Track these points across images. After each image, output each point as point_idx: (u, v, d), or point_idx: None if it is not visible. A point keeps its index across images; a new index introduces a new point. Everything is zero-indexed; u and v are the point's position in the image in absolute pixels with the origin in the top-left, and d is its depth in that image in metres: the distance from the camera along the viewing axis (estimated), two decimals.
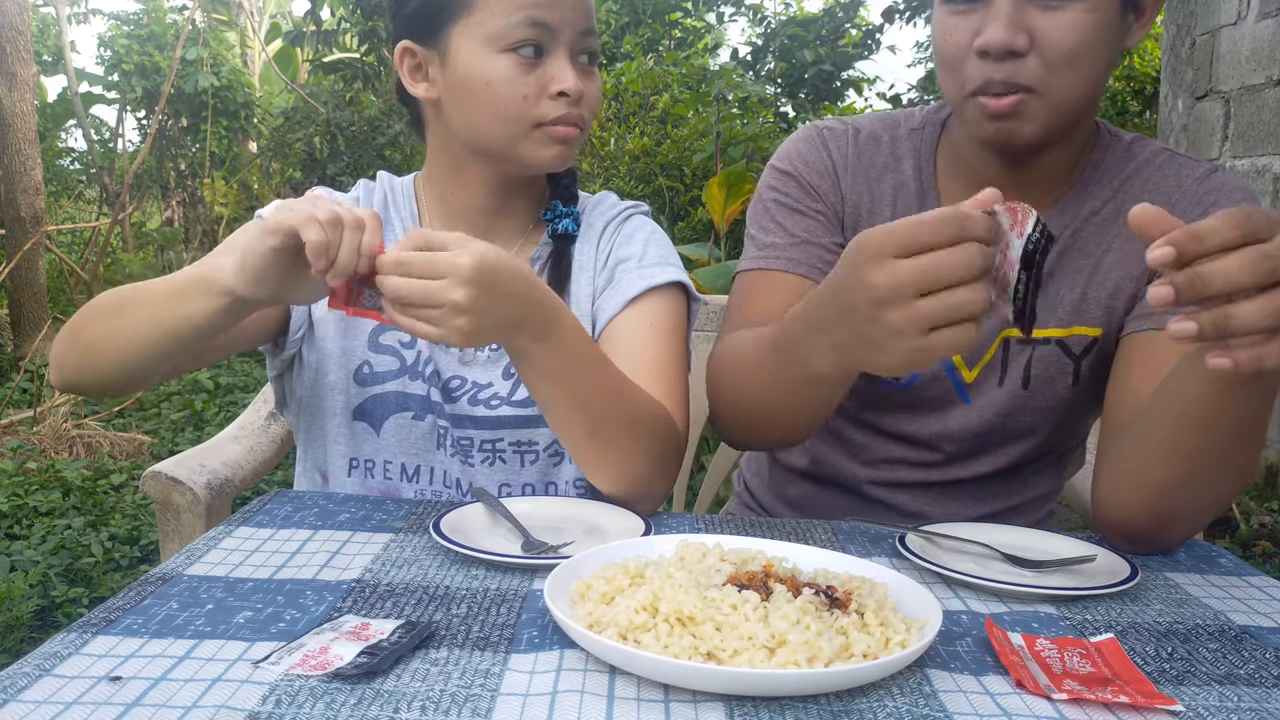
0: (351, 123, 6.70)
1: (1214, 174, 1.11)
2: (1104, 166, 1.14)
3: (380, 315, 0.95)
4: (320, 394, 1.20)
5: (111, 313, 1.03)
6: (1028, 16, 0.97)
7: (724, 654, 0.66)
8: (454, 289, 0.87)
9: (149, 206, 11.21)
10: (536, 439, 1.19)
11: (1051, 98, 1.00)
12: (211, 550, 0.91)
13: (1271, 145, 3.62)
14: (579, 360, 1.01)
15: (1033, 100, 1.00)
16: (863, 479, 1.25)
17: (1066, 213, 1.13)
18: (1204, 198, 1.09)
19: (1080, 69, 0.99)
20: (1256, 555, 3.16)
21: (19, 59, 5.36)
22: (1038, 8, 0.97)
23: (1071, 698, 0.66)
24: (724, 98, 5.87)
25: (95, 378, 1.06)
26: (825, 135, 1.22)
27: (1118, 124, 7.39)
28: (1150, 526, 0.99)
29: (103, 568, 2.77)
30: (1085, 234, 1.13)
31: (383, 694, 0.64)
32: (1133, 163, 1.14)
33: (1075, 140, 1.11)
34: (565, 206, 1.22)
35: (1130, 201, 1.10)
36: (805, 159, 1.21)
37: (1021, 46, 0.97)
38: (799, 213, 1.18)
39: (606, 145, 6.87)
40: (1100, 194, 1.13)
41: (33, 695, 0.63)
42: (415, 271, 0.88)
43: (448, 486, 1.18)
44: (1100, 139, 1.15)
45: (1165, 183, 1.12)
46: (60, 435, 3.93)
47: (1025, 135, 1.03)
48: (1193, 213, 1.08)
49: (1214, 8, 3.95)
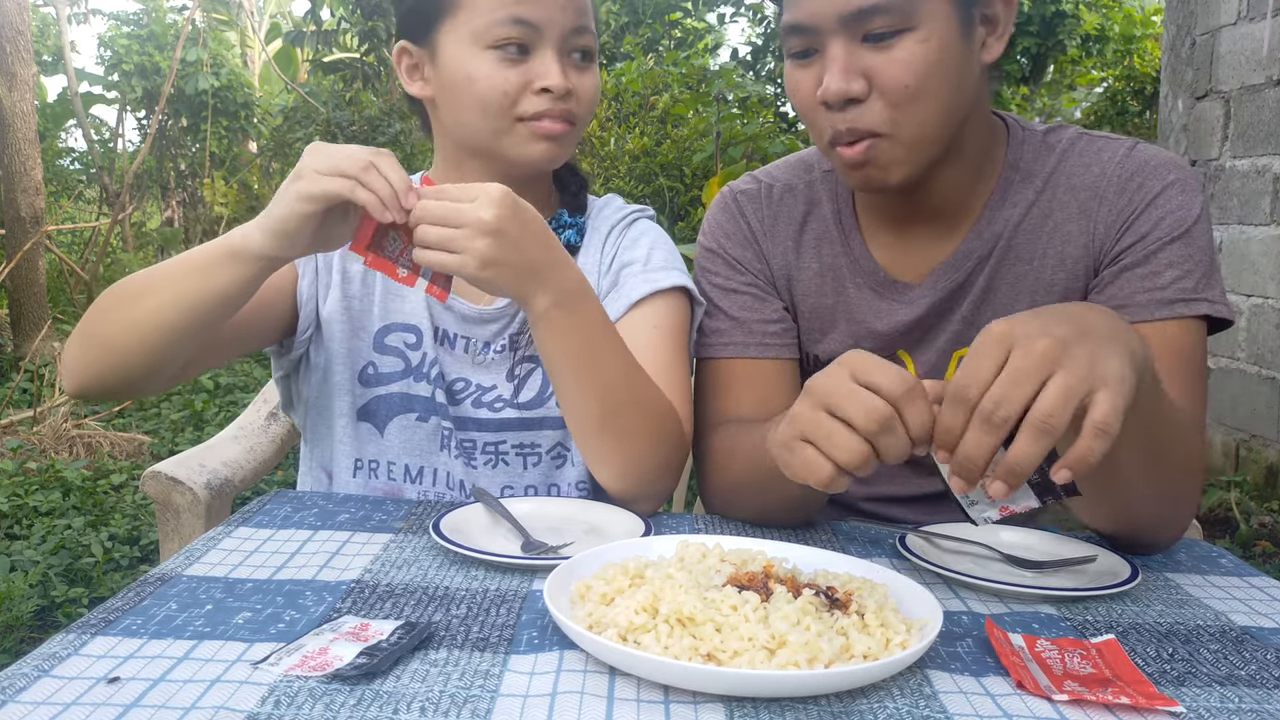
0: (351, 123, 6.70)
1: (1134, 151, 1.08)
2: (1022, 165, 1.11)
3: (395, 271, 0.97)
4: (327, 394, 1.20)
5: (127, 303, 1.00)
6: (861, 60, 0.95)
7: (724, 655, 0.66)
8: (483, 208, 0.91)
9: (149, 206, 11.20)
10: (539, 441, 1.19)
11: (904, 136, 0.98)
12: (211, 550, 0.91)
13: (1271, 145, 3.62)
14: (599, 337, 1.01)
15: (882, 143, 0.98)
16: (858, 496, 1.25)
17: (995, 223, 1.10)
18: (1128, 181, 1.06)
19: (926, 102, 0.96)
20: (1257, 555, 3.16)
21: (19, 59, 5.36)
22: (869, 49, 0.95)
23: (1072, 699, 0.66)
24: (724, 98, 5.87)
25: (115, 376, 1.02)
26: (740, 201, 1.22)
27: (1118, 124, 7.40)
28: (1129, 535, 0.99)
29: (103, 568, 2.77)
30: (1019, 241, 1.10)
31: (382, 695, 0.64)
32: (1052, 156, 1.11)
33: (967, 155, 1.08)
34: (571, 217, 1.22)
35: (1057, 200, 1.09)
36: (725, 231, 1.21)
37: (858, 92, 0.96)
38: (732, 291, 1.19)
39: (606, 145, 6.87)
40: (1025, 196, 1.10)
41: (32, 696, 0.63)
42: (448, 195, 0.92)
43: (450, 488, 1.18)
44: (1013, 136, 1.12)
45: (1088, 173, 1.08)
46: (60, 435, 3.93)
47: (888, 179, 1.01)
48: (1120, 199, 1.06)
49: (1214, 8, 3.95)
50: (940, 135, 1.01)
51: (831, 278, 1.18)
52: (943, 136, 1.01)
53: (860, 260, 1.16)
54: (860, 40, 0.96)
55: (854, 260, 1.16)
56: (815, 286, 1.18)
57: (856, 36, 0.96)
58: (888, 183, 1.02)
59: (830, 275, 1.18)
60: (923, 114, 0.97)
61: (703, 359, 1.21)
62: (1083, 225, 1.08)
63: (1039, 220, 1.10)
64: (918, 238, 1.13)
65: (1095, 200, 1.07)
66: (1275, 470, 3.64)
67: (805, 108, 1.02)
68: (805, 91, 1.01)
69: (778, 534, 1.03)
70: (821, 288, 1.18)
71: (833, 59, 0.96)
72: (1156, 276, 1.03)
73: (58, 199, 9.61)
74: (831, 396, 0.76)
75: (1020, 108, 8.35)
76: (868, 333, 1.16)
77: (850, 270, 1.17)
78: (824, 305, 1.18)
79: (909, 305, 1.14)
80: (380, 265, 0.97)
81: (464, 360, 1.18)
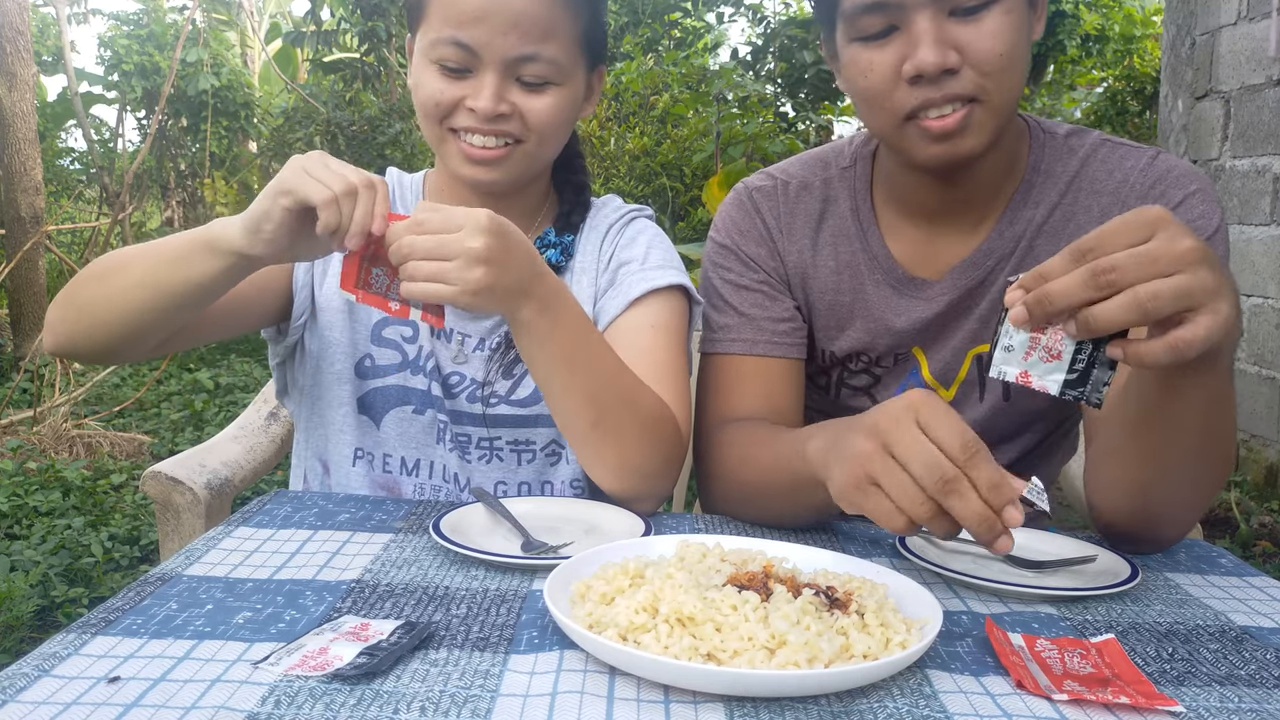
0: (352, 122, 6.69)
1: (1157, 160, 1.11)
2: (1044, 167, 1.13)
3: (388, 305, 0.96)
4: (324, 384, 1.20)
5: (107, 276, 1.03)
6: (951, 32, 0.98)
7: (724, 654, 0.66)
8: (472, 237, 0.90)
9: (149, 206, 11.19)
10: (534, 439, 1.19)
11: (995, 103, 1.00)
12: (211, 550, 0.91)
13: (1271, 145, 3.62)
14: (581, 340, 1.01)
15: (977, 110, 1.00)
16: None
17: (1017, 223, 1.12)
18: (1151, 189, 1.09)
19: (1013, 70, 1.00)
20: (1257, 555, 3.16)
21: (19, 59, 5.36)
22: (958, 22, 0.98)
23: (1072, 698, 0.66)
24: (724, 98, 5.87)
25: (90, 342, 1.05)
26: (756, 198, 1.22)
27: (1118, 124, 7.39)
28: (1140, 524, 0.99)
29: (103, 568, 2.77)
30: (1040, 244, 1.12)
31: (382, 695, 0.64)
32: (1074, 159, 1.13)
33: (1005, 144, 1.10)
34: (558, 236, 1.22)
35: (1079, 204, 1.11)
36: (740, 228, 1.21)
37: (954, 63, 0.98)
38: (744, 288, 1.19)
39: (606, 145, 6.87)
40: (1047, 199, 1.12)
41: (32, 696, 0.63)
42: (431, 227, 0.91)
43: (446, 481, 1.19)
44: (1034, 137, 1.14)
45: (1111, 179, 1.11)
46: (60, 435, 3.93)
47: (972, 146, 1.02)
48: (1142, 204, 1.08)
49: (1214, 8, 3.95)
50: (1016, 106, 1.04)
51: (849, 274, 1.18)
52: (1016, 108, 1.04)
53: (879, 257, 1.17)
54: (947, 15, 0.98)
55: (872, 257, 1.17)
56: (832, 283, 1.19)
57: (944, 10, 0.98)
58: (974, 150, 1.02)
59: (848, 272, 1.18)
60: (1010, 81, 1.00)
61: (708, 354, 1.21)
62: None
63: (1061, 223, 1.11)
64: (940, 235, 1.14)
65: (1118, 206, 1.09)
66: (1275, 470, 3.64)
67: (882, 86, 1.02)
68: (883, 70, 1.01)
69: (778, 534, 1.03)
70: (839, 284, 1.18)
71: (923, 32, 0.97)
72: None
73: (58, 199, 9.61)
74: (898, 444, 0.77)
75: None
76: (884, 329, 1.17)
77: (869, 267, 1.17)
78: (841, 302, 1.19)
79: (928, 302, 1.15)
80: (371, 300, 0.97)
81: (459, 355, 1.19)
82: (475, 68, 1.09)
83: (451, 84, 1.09)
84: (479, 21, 1.06)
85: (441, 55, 1.08)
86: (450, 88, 1.09)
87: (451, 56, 1.08)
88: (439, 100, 1.10)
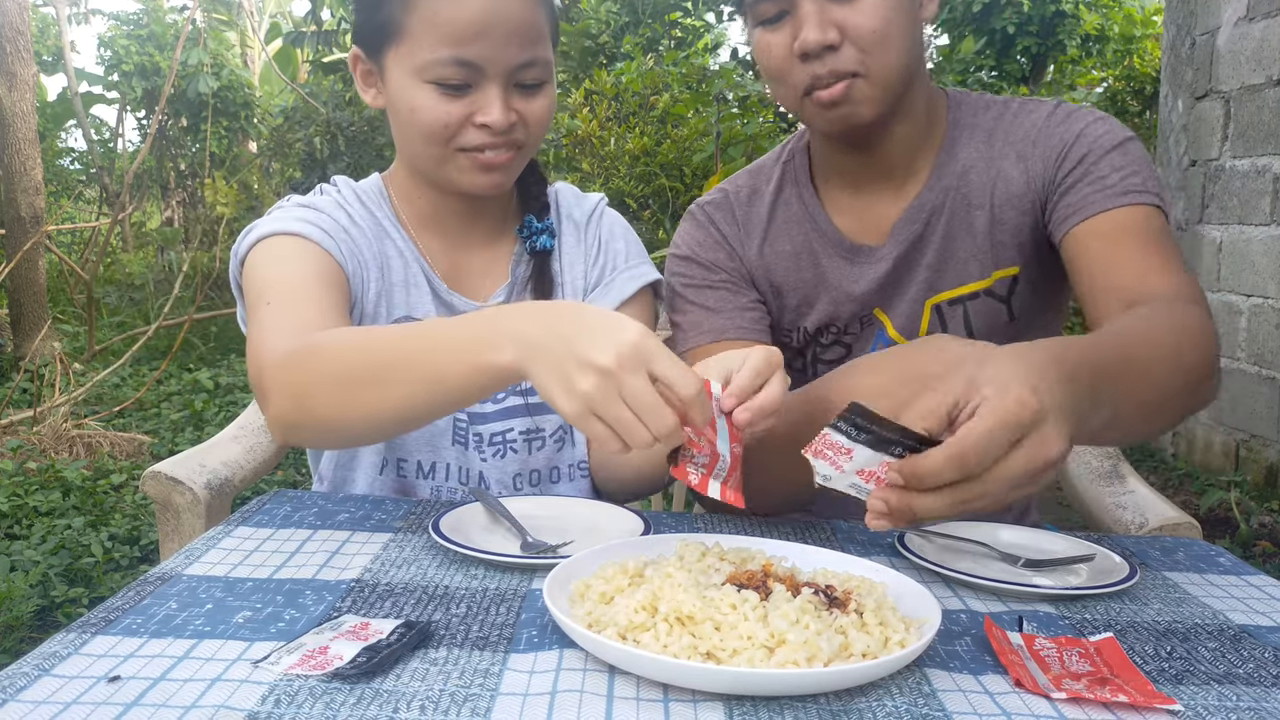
0: (351, 122, 6.70)
1: (1059, 108, 1.20)
2: (965, 122, 1.22)
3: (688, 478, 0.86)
4: None
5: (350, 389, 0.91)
6: (832, 13, 1.08)
7: (723, 653, 0.66)
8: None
9: (149, 206, 11.20)
10: (544, 426, 1.22)
11: (874, 75, 1.10)
12: (211, 550, 0.91)
13: (1271, 145, 3.62)
14: None
15: (858, 83, 1.10)
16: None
17: (945, 176, 1.20)
18: (1057, 126, 1.17)
19: (890, 45, 1.09)
20: (1256, 555, 3.16)
21: (19, 59, 5.36)
22: (839, 4, 1.08)
23: (1070, 697, 0.66)
24: (724, 97, 5.88)
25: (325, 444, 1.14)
26: (709, 212, 1.30)
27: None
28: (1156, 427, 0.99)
29: (103, 568, 2.77)
30: (968, 188, 1.19)
31: (382, 694, 0.64)
32: (990, 111, 1.22)
33: (915, 113, 1.19)
34: (540, 222, 1.23)
35: (996, 149, 1.19)
36: (697, 240, 1.28)
37: (834, 40, 1.08)
38: (706, 288, 1.26)
39: (606, 145, 6.87)
40: (971, 147, 1.21)
41: (32, 695, 0.63)
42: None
43: (462, 482, 1.20)
44: (952, 101, 1.24)
45: (1022, 126, 1.20)
46: (60, 435, 3.93)
47: (862, 115, 1.12)
48: (1051, 138, 1.17)
49: (1214, 8, 3.95)
50: (902, 78, 1.13)
51: (806, 255, 1.25)
52: (904, 79, 1.13)
53: (827, 232, 1.24)
54: None
55: (821, 234, 1.25)
56: (793, 265, 1.26)
57: None
58: (863, 119, 1.12)
59: (805, 253, 1.25)
60: (888, 56, 1.10)
61: (680, 354, 1.23)
62: (1021, 168, 1.18)
63: (984, 167, 1.20)
64: (873, 201, 1.22)
65: (1029, 144, 1.19)
66: (1275, 470, 3.64)
67: (779, 66, 1.12)
68: (779, 51, 1.12)
69: (777, 533, 1.03)
70: (799, 265, 1.26)
71: (807, 15, 1.08)
72: (1103, 179, 1.11)
73: (58, 199, 9.62)
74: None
75: None
76: (845, 297, 1.24)
77: (820, 244, 1.25)
78: (804, 281, 1.26)
79: (877, 264, 1.22)
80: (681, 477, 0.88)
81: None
82: (476, 82, 1.08)
83: (454, 102, 1.08)
84: (480, 37, 1.05)
85: (441, 75, 1.06)
86: (455, 107, 1.08)
87: (454, 75, 1.06)
88: (447, 122, 1.08)
